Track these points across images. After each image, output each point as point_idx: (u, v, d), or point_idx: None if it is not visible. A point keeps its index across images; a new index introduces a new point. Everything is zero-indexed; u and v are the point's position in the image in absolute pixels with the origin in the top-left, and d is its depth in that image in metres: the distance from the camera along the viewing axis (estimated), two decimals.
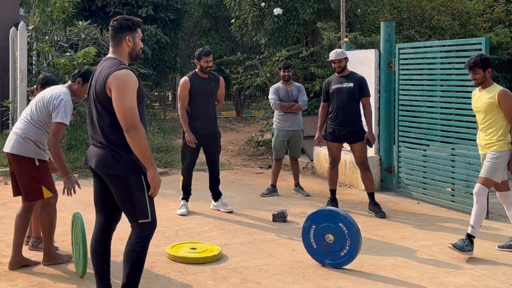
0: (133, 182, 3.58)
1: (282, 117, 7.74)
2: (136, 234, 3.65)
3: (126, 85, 3.49)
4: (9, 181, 8.49)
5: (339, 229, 4.81)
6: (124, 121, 3.46)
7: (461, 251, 5.11)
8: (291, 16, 10.72)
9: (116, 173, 3.58)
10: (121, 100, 3.46)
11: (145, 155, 3.49)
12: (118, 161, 3.56)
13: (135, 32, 3.74)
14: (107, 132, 3.60)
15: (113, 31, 3.72)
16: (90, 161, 3.71)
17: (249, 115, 19.58)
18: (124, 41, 3.70)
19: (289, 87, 7.73)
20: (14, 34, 11.17)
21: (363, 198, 7.36)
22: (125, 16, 3.80)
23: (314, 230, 4.93)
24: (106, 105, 3.56)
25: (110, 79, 3.51)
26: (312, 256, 4.96)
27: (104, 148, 3.61)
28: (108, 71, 3.55)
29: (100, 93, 3.57)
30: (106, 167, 3.60)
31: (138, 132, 3.45)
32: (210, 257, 5.00)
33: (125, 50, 3.72)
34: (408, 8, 10.87)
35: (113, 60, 3.66)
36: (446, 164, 7.15)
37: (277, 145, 7.77)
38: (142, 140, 3.47)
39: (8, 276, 4.57)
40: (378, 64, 7.91)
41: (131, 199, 3.59)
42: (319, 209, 5.13)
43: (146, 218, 3.62)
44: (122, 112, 3.46)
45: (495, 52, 9.67)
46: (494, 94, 5.20)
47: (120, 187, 3.61)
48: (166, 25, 16.51)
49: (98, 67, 3.73)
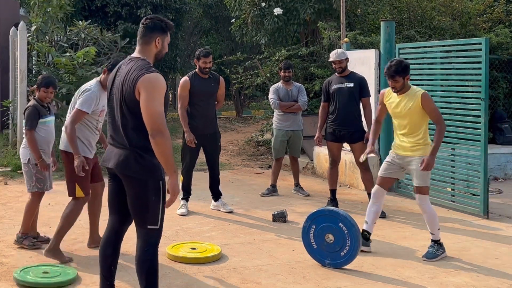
0: (152, 187, 3.51)
1: (281, 117, 7.74)
2: (143, 241, 3.56)
3: (156, 89, 3.42)
4: (9, 181, 8.50)
5: (339, 229, 4.81)
6: (151, 126, 3.38)
7: (435, 258, 5.06)
8: (291, 16, 10.72)
9: (136, 176, 3.50)
10: (150, 104, 3.38)
11: (168, 162, 3.42)
12: (140, 164, 3.49)
13: (166, 35, 3.67)
14: (131, 134, 3.52)
15: (145, 29, 3.63)
16: (108, 162, 3.63)
17: (249, 115, 19.57)
18: (153, 42, 3.62)
19: (289, 87, 7.73)
20: (14, 34, 11.17)
21: (363, 198, 7.36)
22: (159, 17, 3.72)
23: (314, 230, 4.93)
24: (133, 107, 3.48)
25: (140, 81, 3.42)
26: (312, 256, 4.96)
27: (126, 149, 3.53)
28: (138, 73, 3.46)
29: (128, 94, 3.48)
30: (126, 169, 3.52)
31: (164, 138, 3.38)
32: (210, 257, 5.00)
33: (152, 51, 3.65)
34: (408, 8, 10.86)
35: (141, 61, 3.57)
36: (446, 164, 7.15)
37: (276, 145, 7.77)
38: (167, 146, 3.40)
39: (8, 276, 4.57)
40: (378, 64, 7.91)
41: (145, 204, 3.52)
42: (319, 209, 5.13)
43: (155, 225, 3.54)
44: (150, 116, 3.38)
45: (495, 52, 9.67)
46: (416, 98, 5.08)
47: (138, 190, 3.53)
48: None
49: (123, 66, 3.64)
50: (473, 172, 6.71)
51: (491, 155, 8.17)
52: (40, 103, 5.26)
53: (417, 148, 5.15)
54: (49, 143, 5.32)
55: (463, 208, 6.77)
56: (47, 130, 5.27)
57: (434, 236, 5.16)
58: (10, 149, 10.48)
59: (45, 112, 5.26)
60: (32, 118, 5.13)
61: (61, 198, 7.30)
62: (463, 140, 6.86)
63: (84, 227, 5.98)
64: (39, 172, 5.19)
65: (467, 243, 5.57)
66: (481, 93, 6.50)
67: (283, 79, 7.75)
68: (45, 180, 5.24)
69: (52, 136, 5.36)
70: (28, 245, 5.21)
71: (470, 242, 5.61)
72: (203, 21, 21.16)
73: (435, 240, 5.16)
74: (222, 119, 18.57)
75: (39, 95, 5.27)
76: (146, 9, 15.67)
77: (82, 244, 5.45)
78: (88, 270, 4.72)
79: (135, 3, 15.74)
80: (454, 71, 6.99)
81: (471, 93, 6.69)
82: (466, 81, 6.76)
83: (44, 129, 5.23)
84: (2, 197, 7.48)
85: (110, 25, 14.98)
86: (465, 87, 6.79)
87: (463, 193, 7.03)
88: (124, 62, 3.68)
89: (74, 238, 5.63)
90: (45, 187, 5.27)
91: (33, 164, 5.19)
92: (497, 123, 9.65)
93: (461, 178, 6.98)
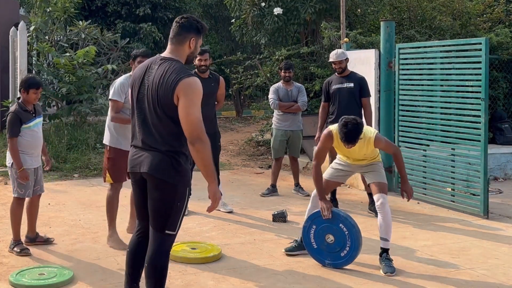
0: (180, 192, 3.45)
1: (281, 117, 7.73)
2: (157, 245, 3.48)
3: (196, 95, 3.34)
4: (9, 181, 8.50)
5: (339, 230, 4.81)
6: (190, 132, 3.32)
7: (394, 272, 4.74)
8: (291, 16, 10.72)
9: (168, 180, 3.41)
10: (190, 111, 3.31)
11: (208, 168, 3.37)
12: (176, 169, 3.41)
13: (199, 37, 3.57)
14: (168, 139, 3.41)
15: (180, 28, 3.50)
16: (139, 166, 3.48)
17: (249, 115, 19.54)
18: (187, 42, 3.50)
19: (290, 87, 7.72)
20: (14, 34, 11.16)
21: (363, 198, 7.36)
22: (194, 17, 3.61)
23: (314, 230, 4.93)
24: (170, 112, 3.37)
25: (180, 86, 3.31)
26: (312, 256, 4.96)
27: (160, 153, 3.42)
28: (177, 77, 3.33)
29: (165, 98, 3.35)
30: (162, 173, 3.40)
31: (204, 145, 3.33)
32: (210, 257, 5.00)
33: (185, 52, 3.52)
34: (408, 8, 10.86)
35: (176, 62, 3.44)
36: (446, 164, 7.15)
37: (275, 145, 7.77)
38: (207, 153, 3.35)
39: (8, 276, 4.56)
40: (378, 64, 7.91)
41: (169, 209, 3.44)
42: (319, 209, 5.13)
43: (173, 231, 3.48)
44: (190, 123, 3.31)
45: (495, 52, 9.67)
46: (370, 143, 4.87)
47: (165, 195, 3.43)
48: (165, 24, 16.50)
49: (154, 66, 3.48)
50: (473, 172, 6.71)
51: (491, 155, 8.18)
52: (24, 107, 5.08)
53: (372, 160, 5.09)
54: (36, 147, 5.17)
55: (463, 208, 6.77)
56: (33, 134, 5.10)
57: (388, 243, 4.88)
58: None
59: (29, 116, 5.08)
60: (13, 126, 5.00)
61: (61, 198, 7.31)
62: (463, 140, 6.86)
63: (84, 227, 5.99)
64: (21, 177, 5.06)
65: (467, 243, 5.57)
66: (481, 93, 6.49)
67: (283, 79, 7.74)
68: (26, 187, 5.09)
69: (39, 139, 5.19)
70: (17, 252, 5.07)
71: (470, 242, 5.60)
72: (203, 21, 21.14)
73: (387, 249, 4.88)
74: (222, 119, 18.55)
75: (27, 97, 5.09)
76: (145, 8, 15.68)
77: (82, 244, 5.45)
78: (86, 270, 4.72)
79: (134, 2, 15.75)
80: (454, 71, 6.99)
81: (471, 93, 6.69)
82: (466, 81, 6.76)
83: (29, 133, 5.07)
84: (2, 197, 7.48)
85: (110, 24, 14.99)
86: (465, 87, 6.78)
87: (463, 193, 7.03)
88: (155, 61, 3.51)
89: (75, 238, 5.63)
90: (26, 194, 5.12)
91: (15, 169, 5.05)
92: (497, 123, 9.65)
93: (461, 178, 6.97)
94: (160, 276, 3.49)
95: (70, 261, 4.95)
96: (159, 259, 3.48)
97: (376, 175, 5.00)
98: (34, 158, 5.15)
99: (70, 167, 8.99)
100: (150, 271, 3.49)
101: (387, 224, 4.82)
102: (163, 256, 3.49)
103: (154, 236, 3.50)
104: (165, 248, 3.50)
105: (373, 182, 4.98)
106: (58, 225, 6.14)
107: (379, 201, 4.85)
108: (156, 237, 3.49)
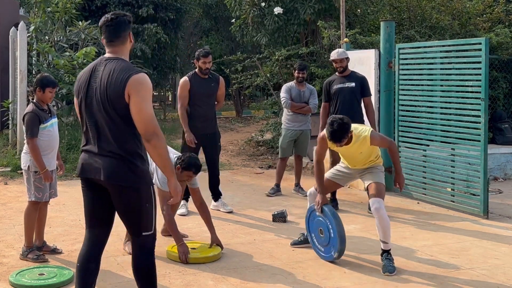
0: (145, 194, 3.36)
1: (291, 117, 7.74)
2: (138, 247, 3.43)
3: (146, 91, 3.24)
4: (9, 181, 8.50)
5: (327, 228, 4.98)
6: (145, 129, 3.21)
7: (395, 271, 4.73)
8: (291, 16, 10.72)
9: (130, 185, 3.31)
10: (143, 106, 3.21)
11: (166, 163, 3.28)
12: (134, 172, 3.31)
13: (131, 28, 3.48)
14: (122, 140, 3.30)
15: (116, 29, 3.39)
16: (93, 173, 3.37)
17: (249, 115, 19.57)
18: (128, 38, 3.43)
19: (302, 88, 7.72)
20: (14, 34, 11.16)
21: (363, 198, 7.36)
22: (119, 12, 3.49)
23: (311, 221, 5.19)
24: (122, 111, 3.26)
25: (130, 83, 3.21)
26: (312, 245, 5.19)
27: (116, 158, 3.30)
28: (125, 74, 3.24)
29: (116, 98, 3.24)
30: (121, 179, 3.30)
31: (160, 140, 3.23)
32: (210, 257, 5.00)
33: (128, 49, 3.45)
34: (408, 8, 10.86)
35: (121, 61, 3.34)
36: (446, 164, 7.15)
37: (284, 144, 7.77)
38: (163, 148, 3.25)
39: (8, 276, 4.56)
40: (378, 64, 7.91)
41: (139, 211, 3.37)
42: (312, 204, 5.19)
43: (150, 231, 3.41)
44: (144, 119, 3.21)
45: (495, 52, 9.67)
46: (365, 141, 4.87)
47: (131, 200, 3.35)
48: (166, 25, 16.50)
49: (99, 68, 3.37)
50: (473, 172, 6.71)
51: (491, 155, 8.19)
52: (40, 106, 4.99)
53: (372, 163, 5.09)
54: (53, 147, 5.07)
55: (463, 208, 6.77)
56: (49, 134, 5.00)
57: (388, 245, 4.88)
58: (10, 149, 10.48)
59: (46, 116, 4.98)
60: (32, 126, 4.87)
61: (61, 198, 7.30)
62: (463, 140, 6.86)
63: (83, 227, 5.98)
64: (38, 180, 4.95)
65: (467, 243, 5.57)
66: (481, 93, 6.49)
67: (297, 80, 7.73)
68: (44, 190, 4.99)
69: (56, 140, 5.10)
70: (33, 259, 4.95)
71: (470, 242, 5.60)
72: (203, 21, 21.16)
73: (388, 250, 4.87)
74: (222, 119, 18.56)
75: (43, 96, 4.99)
76: (148, 8, 15.68)
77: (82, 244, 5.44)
78: None
79: (136, 2, 15.75)
80: (454, 71, 6.99)
81: (471, 93, 6.69)
82: (466, 81, 6.76)
83: (46, 134, 4.96)
84: (2, 197, 7.48)
85: None
86: (465, 87, 6.78)
87: (463, 193, 7.03)
88: (99, 63, 3.40)
89: (74, 238, 5.63)
90: (44, 197, 5.02)
91: (32, 172, 4.96)
92: (497, 123, 9.66)
93: (461, 178, 6.97)
94: (149, 276, 3.44)
95: (70, 261, 4.94)
96: (144, 261, 3.43)
97: (373, 176, 4.99)
98: (50, 159, 5.03)
99: (70, 167, 8.98)
100: (138, 274, 3.45)
101: (384, 227, 4.80)
102: (147, 257, 3.43)
103: (133, 241, 3.46)
104: (147, 248, 3.43)
105: (370, 184, 4.97)
106: (58, 225, 6.14)
107: (374, 206, 4.84)
108: (135, 241, 3.44)
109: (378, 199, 4.84)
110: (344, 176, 5.26)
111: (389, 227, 4.83)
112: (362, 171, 5.12)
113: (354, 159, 5.07)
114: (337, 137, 4.73)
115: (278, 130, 10.29)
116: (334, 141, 4.77)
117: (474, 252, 5.28)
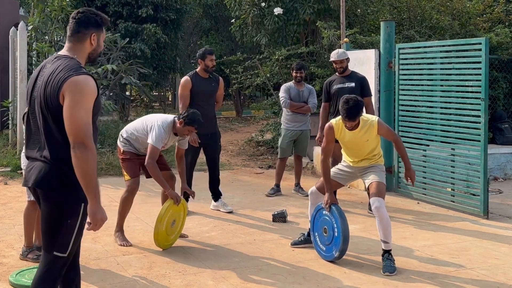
0: (69, 208, 2.97)
1: (290, 117, 7.74)
2: (44, 266, 3.03)
3: (83, 94, 2.88)
4: (9, 181, 8.50)
5: (332, 227, 4.97)
6: (73, 136, 2.84)
7: (396, 271, 4.72)
8: (291, 16, 10.72)
9: (53, 192, 2.97)
10: (74, 111, 2.85)
11: (88, 181, 2.85)
12: (60, 179, 2.94)
13: (101, 32, 3.14)
14: (55, 146, 2.95)
15: (77, 24, 3.07)
16: (29, 180, 3.03)
17: (249, 115, 19.57)
18: (88, 39, 3.08)
19: (301, 87, 7.72)
20: (14, 34, 11.16)
21: (363, 198, 7.36)
22: (93, 10, 3.20)
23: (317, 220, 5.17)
24: (56, 114, 2.92)
25: (66, 84, 2.88)
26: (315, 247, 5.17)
27: (47, 163, 2.96)
28: (65, 74, 2.91)
29: (52, 99, 2.92)
30: (46, 185, 2.96)
31: (86, 151, 2.83)
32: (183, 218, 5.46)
33: (86, 49, 3.11)
34: (408, 8, 10.87)
35: (70, 60, 3.01)
36: (446, 164, 7.15)
37: (284, 144, 7.77)
38: (89, 162, 2.84)
39: (7, 276, 4.56)
40: (378, 64, 7.91)
41: (57, 226, 2.98)
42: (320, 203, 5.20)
43: (63, 253, 2.99)
44: (73, 126, 2.84)
45: (495, 52, 9.67)
46: (372, 128, 4.94)
47: (52, 209, 2.98)
48: (166, 25, 16.51)
49: (48, 65, 3.07)
50: (473, 172, 6.71)
51: (491, 155, 8.18)
52: None
53: (374, 161, 5.10)
54: None
55: (463, 208, 6.77)
56: None
57: (389, 245, 4.84)
58: (10, 149, 10.48)
59: None
60: None
61: None
62: (463, 140, 6.86)
63: None
64: None
65: (467, 243, 5.57)
66: (481, 93, 6.50)
67: (295, 79, 7.73)
68: None
69: None
70: (32, 259, 4.93)
71: (470, 242, 5.60)
72: (203, 21, 21.16)
73: (389, 250, 4.84)
74: (222, 119, 18.57)
75: None
76: (148, 9, 15.69)
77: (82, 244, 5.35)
78: (86, 271, 4.71)
79: (136, 2, 15.76)
80: (454, 71, 6.99)
81: (471, 93, 6.69)
82: (466, 81, 6.76)
83: None
84: (2, 197, 7.48)
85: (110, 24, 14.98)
86: (465, 87, 6.79)
87: (463, 193, 7.03)
88: (49, 60, 3.11)
89: None
90: None
91: None
92: (497, 123, 9.66)
93: (461, 178, 6.97)
94: None
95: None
96: (41, 284, 3.01)
97: (374, 176, 4.99)
98: None
99: None
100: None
101: (384, 227, 4.79)
102: (47, 281, 3.01)
103: (42, 257, 3.07)
104: (52, 272, 3.01)
105: (371, 183, 4.97)
106: None
107: (374, 205, 4.83)
108: (44, 257, 3.05)
109: (378, 198, 4.83)
110: (345, 175, 5.26)
111: (389, 226, 4.83)
112: (363, 170, 5.12)
113: (359, 149, 5.06)
114: (352, 113, 4.79)
115: (278, 130, 10.29)
116: (349, 118, 4.82)
117: (474, 252, 5.28)
